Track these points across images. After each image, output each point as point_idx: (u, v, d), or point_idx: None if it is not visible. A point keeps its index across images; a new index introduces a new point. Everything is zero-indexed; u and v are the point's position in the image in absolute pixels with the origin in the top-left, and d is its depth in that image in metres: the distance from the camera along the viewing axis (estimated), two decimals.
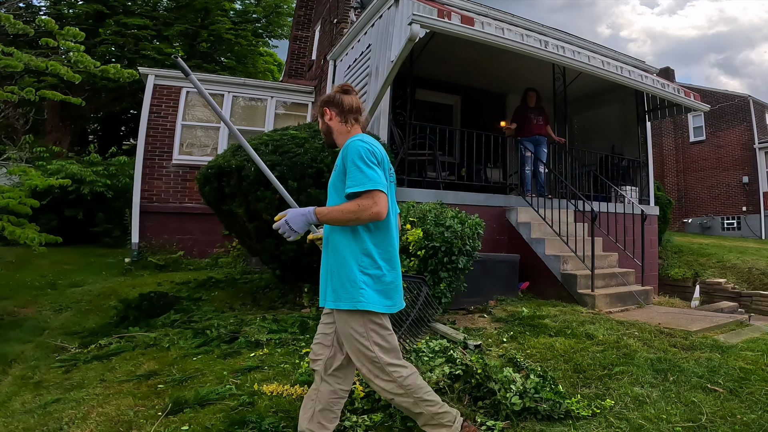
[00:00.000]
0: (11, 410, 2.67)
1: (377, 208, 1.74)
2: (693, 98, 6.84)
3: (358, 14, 7.79)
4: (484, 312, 4.28)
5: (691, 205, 18.05)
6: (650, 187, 7.67)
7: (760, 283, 9.11)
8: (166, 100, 8.40)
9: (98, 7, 13.98)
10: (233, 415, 2.33)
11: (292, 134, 4.56)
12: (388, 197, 1.82)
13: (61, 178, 6.38)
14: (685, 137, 18.65)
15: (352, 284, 1.79)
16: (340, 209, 1.77)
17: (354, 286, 1.79)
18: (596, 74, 5.84)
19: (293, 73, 11.67)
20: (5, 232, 4.50)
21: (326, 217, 1.80)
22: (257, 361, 3.08)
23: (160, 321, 4.23)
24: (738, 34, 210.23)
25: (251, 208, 4.35)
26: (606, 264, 5.50)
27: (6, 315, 4.87)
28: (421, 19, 4.36)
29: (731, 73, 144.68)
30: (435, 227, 3.59)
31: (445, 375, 2.56)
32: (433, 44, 6.17)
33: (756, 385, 2.55)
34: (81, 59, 4.80)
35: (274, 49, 19.74)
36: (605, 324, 3.78)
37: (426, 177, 6.21)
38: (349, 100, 2.03)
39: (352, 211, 1.74)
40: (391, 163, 2.00)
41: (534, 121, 6.72)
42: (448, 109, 9.09)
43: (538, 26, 6.60)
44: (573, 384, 2.67)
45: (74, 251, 8.38)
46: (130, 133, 17.82)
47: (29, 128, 11.71)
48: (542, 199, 5.91)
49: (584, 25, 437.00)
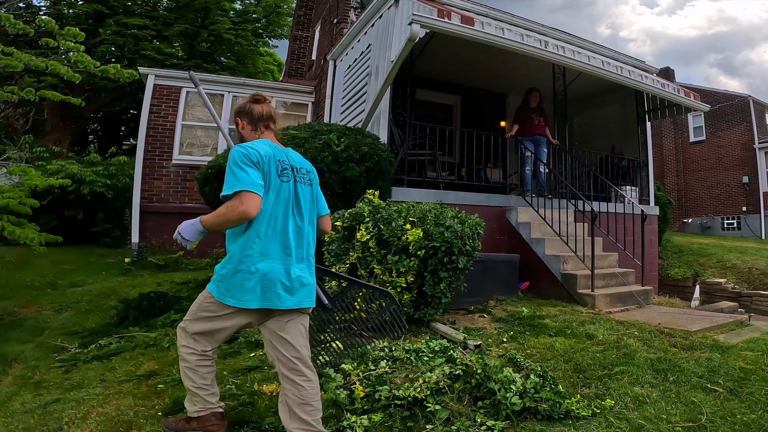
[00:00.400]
0: (11, 410, 2.67)
1: (243, 207, 1.82)
2: (693, 98, 6.84)
3: (358, 14, 7.79)
4: (484, 312, 4.28)
5: (691, 205, 18.05)
6: (650, 187, 7.67)
7: (760, 283, 9.11)
8: (166, 100, 8.40)
9: (98, 7, 13.98)
10: (233, 415, 2.33)
11: (292, 134, 4.57)
12: (264, 196, 1.90)
13: (61, 178, 6.39)
14: (685, 137, 18.66)
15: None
16: (215, 213, 1.89)
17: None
18: (596, 74, 5.84)
19: (293, 73, 11.67)
20: (5, 232, 4.50)
21: (208, 223, 1.92)
22: (257, 361, 3.08)
23: (160, 321, 4.22)
24: (737, 34, 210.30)
25: None
26: (606, 264, 5.50)
27: (6, 315, 4.87)
28: (421, 19, 4.36)
29: (731, 73, 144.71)
30: (435, 227, 3.59)
31: (445, 375, 2.56)
32: (433, 44, 6.16)
33: (756, 385, 2.55)
34: (81, 59, 4.80)
35: (274, 49, 19.77)
36: (605, 324, 3.77)
37: (426, 177, 6.21)
38: (260, 109, 2.14)
39: (223, 213, 1.86)
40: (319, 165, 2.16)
41: (536, 122, 6.73)
42: (448, 109, 9.09)
43: (538, 26, 6.60)
44: (573, 384, 2.67)
45: (74, 251, 8.38)
46: (130, 133, 17.82)
47: (29, 128, 11.72)
48: (542, 199, 5.91)
49: (584, 25, 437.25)
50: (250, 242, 1.93)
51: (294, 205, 2.03)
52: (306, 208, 2.09)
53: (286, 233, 1.98)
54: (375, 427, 2.21)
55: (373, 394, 2.42)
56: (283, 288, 1.93)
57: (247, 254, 1.92)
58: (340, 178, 4.31)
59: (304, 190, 2.09)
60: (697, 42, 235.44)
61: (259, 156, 1.94)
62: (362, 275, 3.58)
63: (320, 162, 4.27)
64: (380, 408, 2.34)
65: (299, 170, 2.10)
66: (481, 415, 2.28)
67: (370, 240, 3.56)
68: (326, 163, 4.28)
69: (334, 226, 3.83)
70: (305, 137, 4.49)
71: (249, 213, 1.84)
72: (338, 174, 4.30)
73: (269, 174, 1.95)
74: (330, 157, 4.32)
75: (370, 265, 3.55)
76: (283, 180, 1.99)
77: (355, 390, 2.42)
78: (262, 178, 1.91)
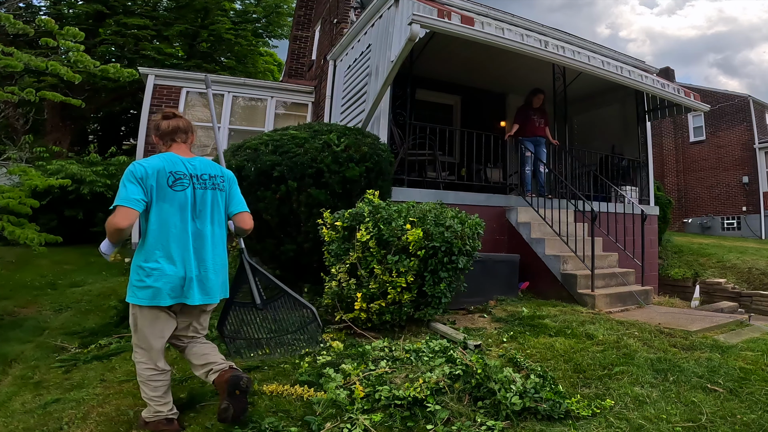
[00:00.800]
0: (11, 410, 2.67)
1: (114, 220, 2.08)
2: (693, 98, 6.84)
3: (358, 14, 7.79)
4: (484, 312, 4.28)
5: (691, 205, 18.05)
6: (650, 187, 7.67)
7: (760, 283, 9.11)
8: (166, 100, 8.39)
9: (98, 7, 13.97)
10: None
11: (292, 134, 4.56)
12: (155, 206, 2.18)
13: (61, 178, 6.39)
14: (685, 137, 18.65)
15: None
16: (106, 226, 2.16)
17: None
18: (596, 74, 5.83)
19: (293, 73, 11.67)
20: (5, 232, 4.50)
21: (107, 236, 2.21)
22: (257, 360, 3.08)
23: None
24: (737, 34, 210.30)
25: (251, 208, 4.34)
26: (606, 264, 5.50)
27: (6, 315, 4.87)
28: (421, 19, 4.36)
29: (730, 73, 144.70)
30: (435, 227, 3.59)
31: (445, 375, 2.56)
32: (433, 44, 6.16)
33: (756, 385, 2.55)
34: (81, 59, 4.80)
35: (274, 49, 19.77)
36: (605, 324, 3.77)
37: (426, 177, 6.21)
38: (166, 125, 2.36)
39: (106, 227, 2.14)
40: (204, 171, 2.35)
41: (536, 123, 6.73)
42: (448, 109, 9.10)
43: (538, 26, 6.60)
44: (573, 384, 2.67)
45: (74, 251, 8.38)
46: (130, 133, 17.81)
47: (29, 128, 11.70)
48: (542, 199, 5.90)
49: (583, 25, 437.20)
50: (147, 248, 2.19)
51: (191, 210, 2.25)
52: (207, 212, 2.31)
53: (185, 236, 2.22)
54: (375, 427, 2.21)
55: (373, 394, 2.42)
56: (181, 286, 2.19)
57: (146, 259, 2.18)
58: (340, 178, 4.30)
59: (205, 195, 2.31)
60: (697, 42, 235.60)
61: (145, 172, 2.16)
62: (362, 275, 3.58)
63: (320, 162, 4.27)
64: (380, 408, 2.34)
65: (200, 177, 2.31)
66: (481, 415, 2.28)
67: (370, 240, 3.56)
68: (326, 163, 4.28)
69: (334, 226, 3.83)
70: (305, 137, 4.49)
71: (119, 224, 2.08)
72: (338, 174, 4.30)
73: (156, 186, 2.18)
74: (330, 157, 4.31)
75: (370, 265, 3.56)
76: (176, 189, 2.22)
77: (355, 390, 2.42)
78: (143, 192, 2.15)
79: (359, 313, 3.50)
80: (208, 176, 2.34)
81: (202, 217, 2.29)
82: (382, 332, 3.54)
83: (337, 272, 3.69)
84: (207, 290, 2.28)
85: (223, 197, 2.40)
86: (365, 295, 3.49)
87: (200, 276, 2.26)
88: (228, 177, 2.47)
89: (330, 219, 3.89)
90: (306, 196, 4.21)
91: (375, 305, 3.47)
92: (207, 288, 2.28)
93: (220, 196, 2.38)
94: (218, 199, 2.37)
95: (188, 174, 2.28)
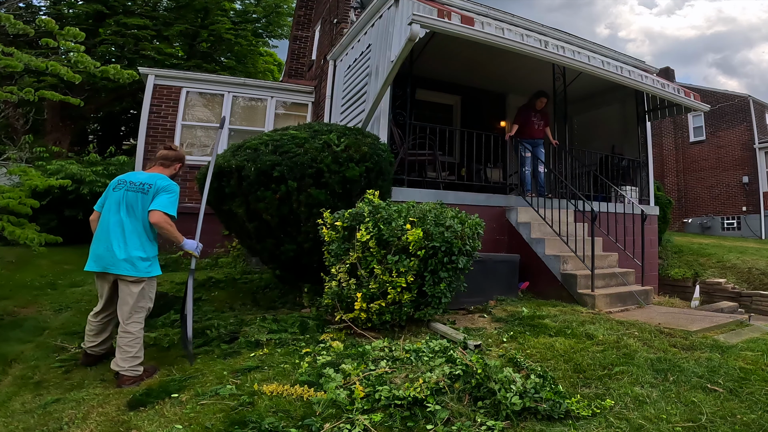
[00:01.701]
0: (11, 410, 2.67)
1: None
2: (693, 98, 6.84)
3: (358, 14, 7.79)
4: (484, 312, 4.28)
5: (691, 205, 18.05)
6: (650, 187, 7.67)
7: (760, 283, 9.11)
8: (166, 100, 8.39)
9: (98, 7, 13.97)
10: (233, 415, 2.33)
11: (292, 134, 4.56)
12: (98, 211, 3.29)
13: (61, 179, 6.38)
14: (685, 137, 18.66)
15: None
16: None
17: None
18: (596, 74, 5.83)
19: (293, 73, 11.67)
20: (5, 232, 4.50)
21: None
22: (257, 361, 3.08)
23: (160, 321, 4.23)
24: (736, 33, 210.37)
25: (251, 208, 4.35)
26: (606, 264, 5.50)
27: (6, 315, 4.86)
28: (421, 19, 4.36)
29: (729, 72, 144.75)
30: (435, 227, 3.59)
31: (445, 375, 2.56)
32: (433, 44, 6.17)
33: (756, 385, 2.55)
34: (81, 59, 4.80)
35: (273, 49, 19.76)
36: (605, 324, 3.77)
37: (426, 177, 6.20)
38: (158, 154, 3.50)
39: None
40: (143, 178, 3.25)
41: (536, 125, 6.73)
42: (448, 109, 9.10)
43: (538, 26, 6.60)
44: (573, 384, 2.67)
45: (74, 251, 8.36)
46: (130, 133, 17.81)
47: (29, 128, 11.71)
48: (542, 199, 5.90)
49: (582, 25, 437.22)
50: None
51: (117, 206, 3.12)
52: (126, 207, 3.12)
53: (107, 224, 3.11)
54: (375, 427, 2.21)
55: (373, 394, 2.42)
56: (100, 257, 3.08)
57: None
58: (340, 178, 4.30)
59: (129, 196, 3.13)
60: (696, 42, 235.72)
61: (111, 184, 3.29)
62: (362, 275, 3.58)
63: (320, 162, 4.27)
64: (380, 408, 2.34)
65: (133, 183, 3.18)
66: (481, 415, 2.28)
67: (370, 240, 3.56)
68: (326, 163, 4.27)
69: (334, 226, 3.84)
70: (305, 137, 4.48)
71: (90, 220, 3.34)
72: (338, 174, 4.30)
73: (108, 191, 3.25)
74: (330, 157, 4.31)
75: (370, 265, 3.56)
76: (115, 191, 3.18)
77: (355, 390, 2.42)
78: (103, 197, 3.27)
79: (359, 313, 3.50)
80: (139, 183, 3.19)
81: (126, 211, 3.14)
82: (382, 332, 3.54)
83: (337, 272, 3.69)
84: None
85: (142, 198, 3.16)
86: (365, 295, 3.49)
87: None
88: (156, 184, 3.19)
89: (330, 219, 3.89)
90: (306, 196, 4.21)
91: (375, 305, 3.47)
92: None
93: (144, 197, 3.16)
94: (139, 199, 3.15)
95: (126, 181, 3.24)
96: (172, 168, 3.44)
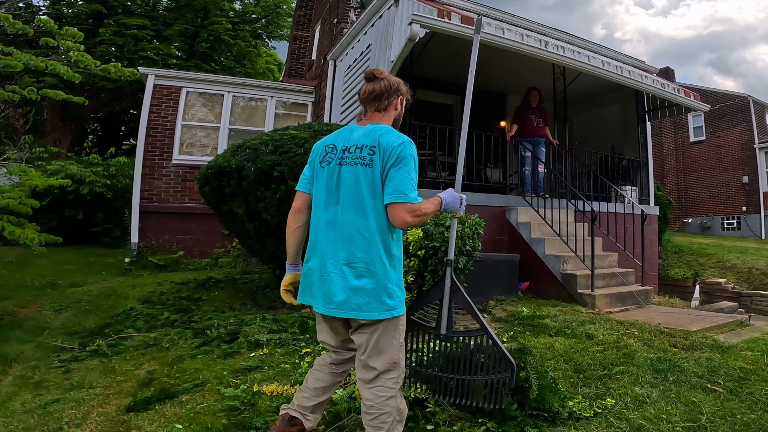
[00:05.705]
0: (11, 410, 2.66)
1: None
2: (693, 98, 6.85)
3: (358, 14, 7.79)
4: (484, 312, 4.28)
5: (691, 205, 18.05)
6: (650, 187, 7.67)
7: (760, 283, 9.11)
8: (166, 100, 8.39)
9: (98, 7, 13.97)
10: (233, 415, 2.33)
11: (292, 134, 4.56)
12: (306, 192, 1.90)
13: (61, 179, 6.38)
14: (685, 137, 18.65)
15: None
16: None
17: None
18: (596, 74, 5.84)
19: (293, 73, 11.67)
20: (5, 232, 4.49)
21: None
22: (257, 361, 3.08)
23: (160, 321, 4.23)
24: (733, 33, 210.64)
25: (251, 208, 4.35)
26: (606, 264, 5.50)
27: (6, 315, 4.86)
28: (421, 19, 4.36)
29: (725, 72, 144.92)
30: (435, 227, 3.59)
31: None
32: (433, 44, 6.16)
33: (756, 385, 2.55)
34: (82, 59, 4.79)
35: (273, 49, 19.77)
36: (605, 324, 3.77)
37: (426, 177, 6.21)
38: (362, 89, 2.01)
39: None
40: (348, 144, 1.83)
41: (534, 123, 6.72)
42: (448, 109, 9.09)
43: (538, 26, 6.60)
44: (573, 384, 2.67)
45: (74, 251, 8.37)
46: (130, 133, 17.82)
47: (29, 128, 11.71)
48: (542, 199, 5.91)
49: (578, 25, 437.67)
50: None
51: (319, 191, 1.82)
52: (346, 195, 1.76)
53: (318, 224, 1.80)
54: None
55: None
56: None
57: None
58: None
59: (347, 172, 1.76)
60: (692, 42, 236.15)
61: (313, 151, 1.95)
62: None
63: None
64: None
65: (348, 149, 1.78)
66: (481, 415, 2.27)
67: None
68: None
69: None
70: (305, 137, 4.48)
71: (293, 209, 1.92)
72: None
73: (314, 164, 1.89)
74: None
75: None
76: (323, 166, 1.83)
77: (355, 390, 2.42)
78: (310, 169, 1.91)
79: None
80: (354, 147, 1.81)
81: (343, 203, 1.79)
82: None
83: None
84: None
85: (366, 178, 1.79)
86: None
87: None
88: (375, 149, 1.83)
89: None
90: None
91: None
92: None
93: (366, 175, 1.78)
94: (360, 179, 1.77)
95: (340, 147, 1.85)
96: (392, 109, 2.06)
